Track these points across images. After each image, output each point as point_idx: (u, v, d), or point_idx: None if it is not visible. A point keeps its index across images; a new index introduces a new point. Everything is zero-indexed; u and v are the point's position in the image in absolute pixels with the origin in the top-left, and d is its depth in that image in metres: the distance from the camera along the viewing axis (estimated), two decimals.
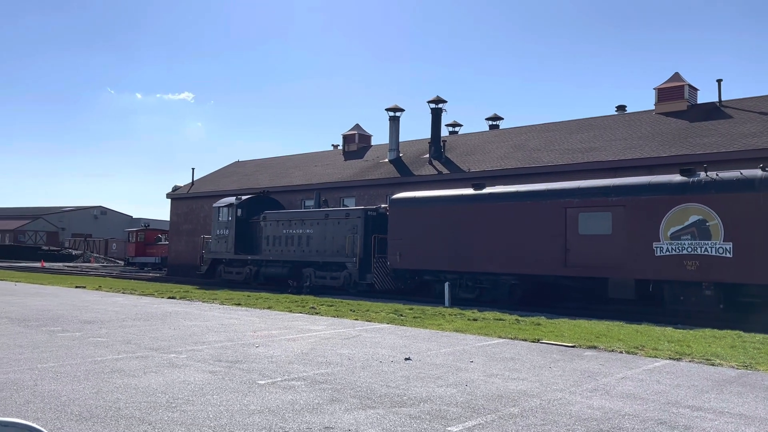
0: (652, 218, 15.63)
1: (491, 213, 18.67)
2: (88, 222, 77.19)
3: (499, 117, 35.79)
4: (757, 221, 14.12)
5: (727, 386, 7.41)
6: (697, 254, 14.86)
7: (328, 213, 23.92)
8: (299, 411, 5.94)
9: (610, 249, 16.26)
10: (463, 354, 9.39)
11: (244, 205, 26.92)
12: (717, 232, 14.64)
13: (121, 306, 16.13)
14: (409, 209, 20.79)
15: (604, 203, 16.58)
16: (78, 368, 7.77)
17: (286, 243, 24.86)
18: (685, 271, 15.00)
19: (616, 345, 10.31)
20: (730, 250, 14.43)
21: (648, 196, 15.89)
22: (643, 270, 15.69)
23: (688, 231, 15.08)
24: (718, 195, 14.71)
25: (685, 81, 25.48)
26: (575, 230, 16.95)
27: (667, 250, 15.33)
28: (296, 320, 13.57)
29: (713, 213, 14.71)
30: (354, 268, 22.13)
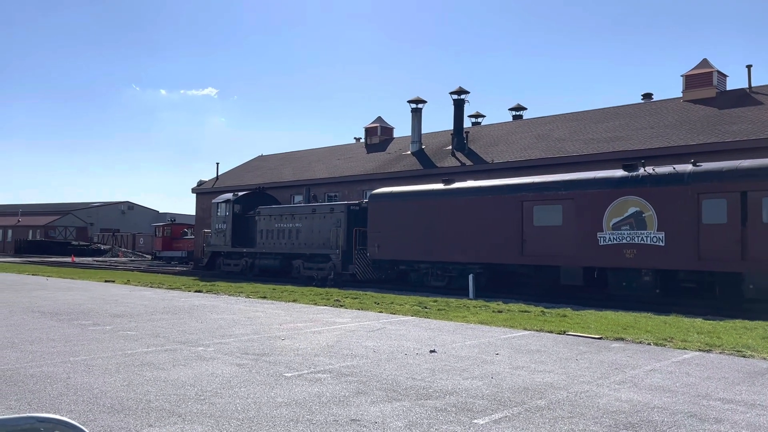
0: (596, 210, 16.77)
1: (459, 206, 19.92)
2: (115, 217, 78.46)
3: (523, 107, 35.44)
4: (686, 212, 15.28)
5: (758, 378, 7.28)
6: (635, 243, 16.04)
7: (315, 208, 25.35)
8: (326, 403, 5.98)
9: (561, 239, 17.44)
10: (488, 346, 9.36)
11: (241, 201, 28.47)
12: (652, 223, 15.80)
13: (149, 300, 16.39)
14: (387, 203, 22.11)
15: (555, 197, 17.80)
16: (109, 361, 7.92)
17: (278, 236, 26.30)
18: (624, 259, 16.20)
19: (644, 337, 10.19)
20: (662, 239, 15.61)
21: (593, 190, 17.04)
22: (589, 258, 16.86)
23: (627, 222, 16.24)
24: (653, 188, 15.87)
25: (713, 67, 24.94)
26: (531, 222, 18.18)
27: (609, 240, 16.53)
28: (321, 313, 13.65)
29: (648, 205, 15.86)
30: (337, 259, 23.46)
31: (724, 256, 14.77)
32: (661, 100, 27.76)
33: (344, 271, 23.32)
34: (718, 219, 14.95)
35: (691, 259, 15.20)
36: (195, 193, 40.87)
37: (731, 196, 14.76)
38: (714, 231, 14.94)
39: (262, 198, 29.12)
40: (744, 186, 14.64)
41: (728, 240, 14.74)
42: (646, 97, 30.12)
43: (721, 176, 15.09)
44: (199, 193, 40.38)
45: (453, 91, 30.20)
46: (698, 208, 15.21)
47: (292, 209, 26.63)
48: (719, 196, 14.94)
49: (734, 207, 14.74)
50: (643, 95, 30.34)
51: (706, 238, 15.03)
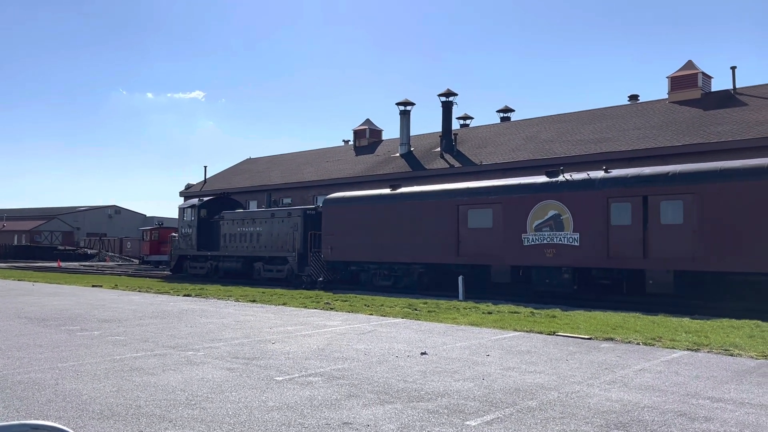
0: (521, 213, 18.05)
1: (403, 210, 21.13)
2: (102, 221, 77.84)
3: (511, 109, 35.61)
4: (598, 215, 16.57)
5: (746, 376, 7.35)
6: (554, 243, 17.33)
7: (274, 212, 26.32)
8: (317, 407, 5.96)
9: (491, 240, 18.74)
10: (479, 348, 9.39)
11: (206, 206, 29.41)
12: (569, 224, 17.09)
13: (137, 304, 16.27)
14: (339, 208, 23.23)
15: (486, 201, 19.09)
16: (98, 367, 7.85)
17: (240, 240, 27.29)
18: (545, 258, 17.46)
19: (633, 336, 10.26)
20: (578, 240, 16.91)
21: (518, 195, 18.33)
22: (515, 257, 18.12)
23: (548, 224, 17.52)
24: (569, 193, 17.18)
25: (698, 69, 25.20)
26: (465, 224, 19.41)
27: (532, 240, 17.80)
28: (311, 316, 13.62)
29: (566, 208, 17.15)
30: (294, 261, 24.52)
31: (629, 254, 16.05)
32: (647, 101, 28.01)
33: (300, 273, 24.24)
34: (624, 221, 16.19)
35: (602, 257, 16.48)
36: (183, 197, 40.66)
37: (635, 200, 16.03)
38: (621, 232, 16.22)
39: (227, 203, 30.07)
40: (645, 191, 15.92)
41: (632, 240, 16.01)
42: (632, 98, 30.37)
43: (626, 182, 16.36)
44: (187, 196, 40.18)
45: (441, 93, 30.30)
46: (608, 211, 16.46)
47: (252, 214, 27.52)
48: (625, 201, 16.20)
49: (637, 210, 15.98)
50: (630, 96, 30.61)
51: (614, 239, 16.31)
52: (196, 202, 29.70)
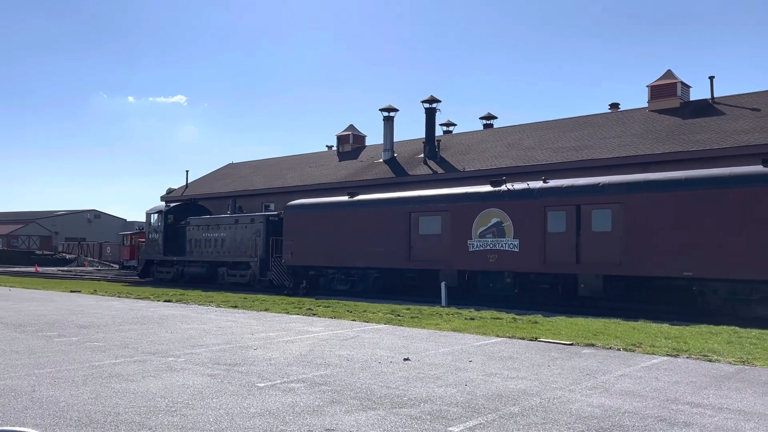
0: (467, 221, 18.84)
1: (360, 217, 21.83)
2: (81, 226, 76.84)
3: (493, 116, 35.85)
4: (535, 222, 17.43)
5: (725, 382, 7.44)
6: (497, 249, 18.20)
7: (238, 218, 26.86)
8: (299, 413, 5.93)
9: (440, 246, 19.52)
10: (461, 353, 9.40)
11: (173, 212, 30.14)
12: (510, 231, 17.97)
13: (117, 310, 16.07)
14: (300, 214, 23.86)
15: (435, 209, 19.85)
16: (76, 373, 7.73)
17: (205, 245, 27.96)
18: (489, 263, 18.32)
19: (614, 342, 10.34)
20: (517, 246, 17.78)
21: (465, 203, 19.11)
22: (461, 262, 18.92)
23: (491, 231, 18.38)
24: (511, 202, 18.07)
25: (677, 78, 25.58)
26: (417, 231, 20.21)
27: (476, 246, 18.65)
28: (294, 322, 13.55)
29: (507, 216, 18.04)
30: (256, 266, 25.18)
31: (564, 260, 16.97)
32: (627, 109, 28.35)
33: (262, 278, 24.92)
34: (559, 228, 17.12)
35: (539, 262, 17.38)
36: (164, 201, 40.29)
37: (569, 209, 16.96)
38: (556, 239, 17.15)
39: (194, 209, 30.75)
40: (578, 201, 16.87)
41: (566, 246, 16.95)
42: (613, 106, 30.73)
43: (562, 192, 17.27)
44: (168, 201, 39.83)
45: (425, 100, 30.42)
46: (544, 219, 17.37)
47: (217, 220, 28.01)
48: (560, 209, 17.12)
49: (571, 218, 16.92)
50: (611, 105, 30.96)
51: (550, 245, 17.24)
52: (164, 207, 30.35)
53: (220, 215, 29.16)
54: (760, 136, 19.67)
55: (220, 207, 34.87)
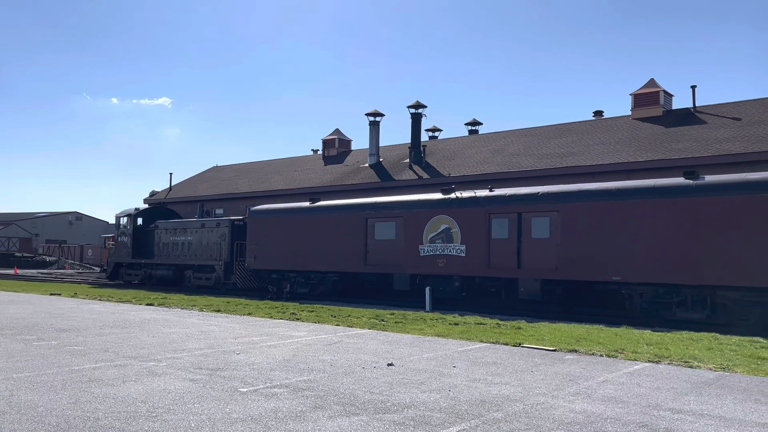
0: (419, 227, 19.65)
1: (320, 222, 22.54)
2: (62, 228, 75.90)
3: (479, 122, 36.02)
4: (481, 229, 18.24)
5: (705, 388, 7.51)
6: (445, 254, 18.94)
7: (204, 222, 27.56)
8: (282, 419, 5.88)
9: (394, 251, 20.28)
10: (445, 359, 9.40)
11: (142, 215, 30.66)
12: (457, 237, 18.72)
13: (98, 313, 15.88)
14: (263, 219, 24.46)
15: (390, 215, 20.63)
16: (55, 378, 7.62)
17: (173, 248, 28.49)
18: (438, 267, 19.06)
19: (596, 348, 10.40)
20: (464, 251, 18.53)
21: (417, 210, 19.93)
22: (413, 267, 19.70)
23: (440, 236, 19.17)
24: (459, 209, 18.87)
25: (660, 87, 25.88)
26: (373, 236, 20.94)
27: (427, 251, 19.40)
28: (277, 326, 13.47)
29: (455, 222, 18.81)
30: (221, 270, 25.88)
31: (506, 264, 17.80)
32: (611, 117, 28.62)
33: (227, 281, 25.65)
34: (503, 235, 17.95)
35: (484, 267, 18.18)
36: (147, 204, 39.95)
37: (511, 216, 17.82)
38: (500, 244, 17.98)
39: (163, 213, 31.27)
40: (520, 209, 17.70)
41: (509, 252, 17.78)
42: (597, 114, 31.03)
43: (505, 200, 18.15)
44: (152, 203, 39.49)
45: (411, 105, 30.49)
46: (489, 226, 18.18)
47: (184, 224, 28.60)
48: (503, 217, 17.98)
49: (513, 225, 17.78)
50: (595, 112, 31.26)
51: (494, 250, 18.06)
52: (133, 211, 30.75)
53: (188, 219, 29.74)
54: (740, 145, 19.96)
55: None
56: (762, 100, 24.13)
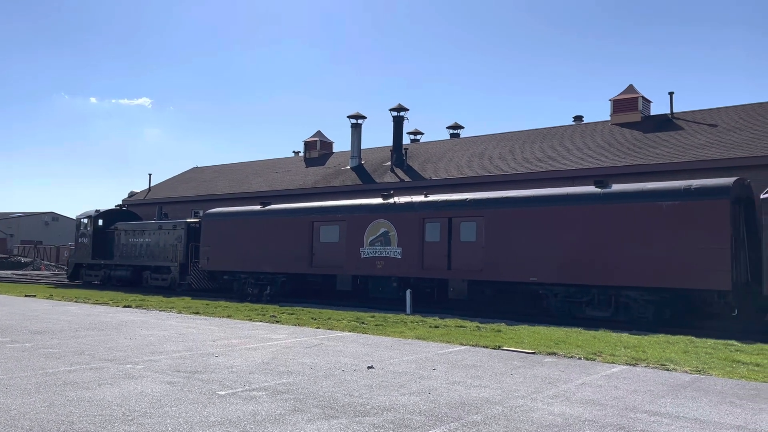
0: (360, 230, 20.65)
1: (270, 225, 23.47)
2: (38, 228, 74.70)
3: (460, 126, 36.14)
4: (415, 232, 19.40)
5: (681, 391, 7.60)
6: (383, 256, 20.01)
7: (161, 224, 28.39)
8: (261, 422, 5.84)
9: (338, 253, 21.22)
10: (425, 361, 9.41)
11: (102, 217, 31.46)
12: (394, 240, 19.83)
13: (73, 315, 15.63)
14: (216, 221, 25.41)
15: (334, 218, 21.62)
16: (28, 381, 7.48)
17: (131, 250, 29.32)
18: (377, 269, 20.10)
19: (575, 351, 10.48)
20: (400, 253, 19.66)
21: (359, 214, 20.94)
22: (355, 268, 20.68)
23: (379, 239, 20.20)
24: (396, 214, 19.98)
25: (638, 93, 26.21)
26: (318, 239, 21.94)
27: (367, 254, 20.40)
28: (257, 329, 13.38)
29: (393, 226, 19.93)
30: (176, 271, 26.71)
31: (438, 266, 18.91)
32: (590, 122, 28.91)
33: (182, 281, 26.49)
34: (435, 238, 19.07)
35: (418, 268, 19.29)
36: (126, 205, 39.49)
37: (443, 221, 18.97)
38: (432, 247, 19.10)
39: (124, 215, 32.19)
40: (450, 214, 18.86)
41: (440, 254, 18.90)
42: (577, 119, 31.31)
43: (437, 206, 19.28)
44: (131, 204, 39.03)
45: (393, 108, 30.52)
46: (422, 230, 19.31)
47: (142, 225, 29.39)
48: (436, 221, 19.13)
49: (444, 229, 18.89)
50: (574, 117, 31.54)
51: (427, 253, 19.16)
52: (93, 213, 31.44)
53: (146, 221, 30.53)
54: (716, 151, 20.28)
55: (184, 211, 34.31)
56: (738, 107, 24.56)
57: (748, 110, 23.80)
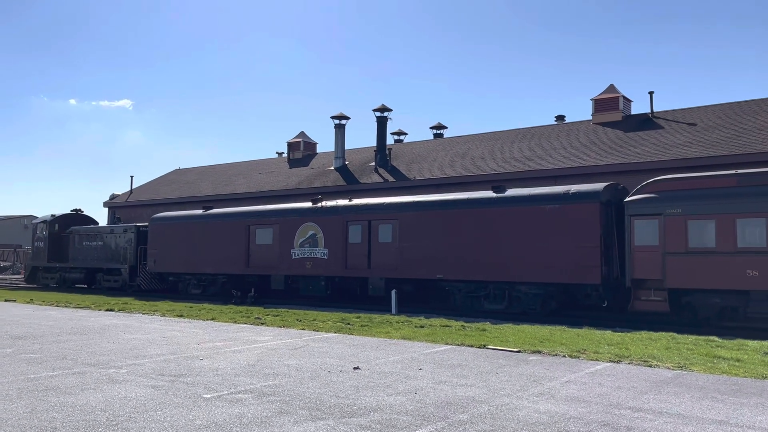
0: (291, 233, 22.18)
1: (210, 229, 24.89)
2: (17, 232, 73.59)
3: (443, 126, 36.25)
4: (340, 234, 20.92)
5: (664, 387, 7.69)
6: (312, 257, 21.51)
7: (113, 228, 29.85)
8: (247, 425, 5.81)
9: (271, 254, 22.71)
10: (411, 362, 9.42)
11: (58, 222, 32.57)
12: (321, 242, 21.34)
13: (55, 320, 15.44)
14: (162, 225, 26.78)
15: (268, 222, 23.12)
16: (10, 386, 7.37)
17: (86, 253, 30.42)
18: (306, 269, 21.60)
19: (560, 349, 10.57)
20: (326, 254, 21.13)
21: (290, 217, 22.46)
22: (287, 268, 22.16)
23: (308, 241, 21.68)
24: (323, 217, 21.54)
25: (619, 92, 26.47)
26: (254, 241, 23.38)
27: (297, 255, 21.92)
28: (241, 331, 13.31)
29: (320, 229, 21.44)
30: (126, 272, 28.07)
31: (360, 265, 20.38)
32: (572, 122, 29.14)
33: (132, 283, 27.74)
34: (357, 239, 20.55)
35: (343, 268, 20.70)
36: (107, 207, 39.07)
37: (363, 223, 20.51)
38: (355, 248, 20.56)
39: (79, 219, 33.08)
40: (370, 217, 20.42)
41: (361, 254, 20.36)
42: (559, 118, 31.54)
43: (359, 210, 20.80)
44: (112, 207, 38.63)
45: (376, 108, 30.53)
46: (346, 232, 20.77)
47: (96, 229, 30.63)
48: (357, 224, 20.63)
49: (365, 231, 20.43)
50: (557, 117, 31.77)
51: (351, 253, 20.60)
52: (49, 218, 32.65)
53: (99, 225, 31.96)
54: (696, 150, 20.56)
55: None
56: (716, 106, 24.90)
57: (726, 109, 24.15)
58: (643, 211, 15.34)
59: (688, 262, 14.69)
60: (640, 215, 15.34)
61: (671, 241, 14.89)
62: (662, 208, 15.12)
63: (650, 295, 15.13)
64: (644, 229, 15.24)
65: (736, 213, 14.27)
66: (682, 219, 14.84)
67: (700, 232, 14.66)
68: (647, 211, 15.28)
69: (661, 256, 14.96)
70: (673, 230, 14.92)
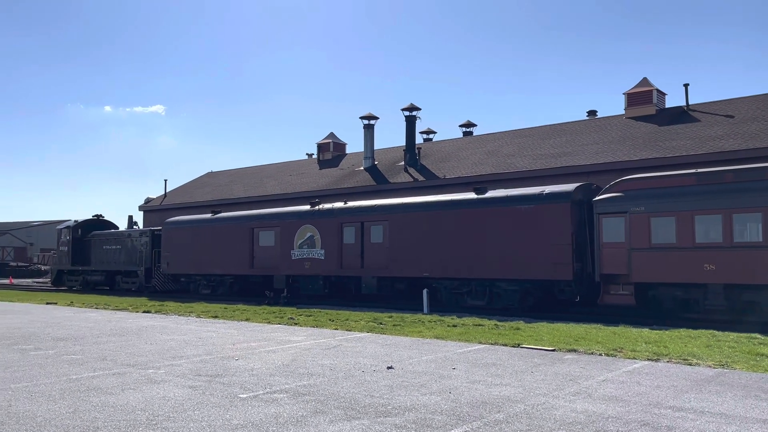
0: (291, 234, 23.29)
1: (218, 232, 26.18)
2: None
3: (473, 124, 36.03)
4: (335, 236, 21.89)
5: (705, 386, 7.51)
6: (310, 257, 22.59)
7: (130, 233, 31.31)
8: (283, 424, 5.86)
9: (273, 255, 23.91)
10: (445, 361, 9.39)
11: (80, 227, 34.15)
12: (318, 243, 22.38)
13: (94, 321, 15.80)
14: (174, 229, 28.15)
15: (270, 225, 24.27)
16: (53, 387, 7.57)
17: (106, 256, 32.02)
18: (305, 269, 22.68)
19: (595, 348, 10.41)
20: (323, 255, 22.19)
21: (290, 220, 23.55)
22: (287, 269, 23.24)
23: (307, 243, 22.78)
24: (320, 219, 22.60)
25: (653, 86, 25.94)
26: (258, 243, 24.64)
27: (297, 256, 23.02)
28: (275, 332, 13.43)
29: (317, 231, 22.50)
30: (142, 275, 29.70)
31: (353, 265, 21.38)
32: (604, 117, 28.66)
33: (147, 284, 29.17)
34: (351, 240, 21.55)
35: (338, 267, 21.72)
36: (142, 211, 39.85)
37: (357, 225, 21.51)
38: (349, 248, 21.57)
39: (100, 224, 34.62)
40: (362, 218, 21.42)
41: (355, 254, 21.40)
42: (590, 114, 31.08)
43: (353, 212, 21.84)
44: (147, 210, 39.38)
45: (405, 108, 30.50)
46: (341, 233, 21.80)
47: (115, 234, 32.27)
48: (351, 225, 21.65)
49: (358, 232, 21.44)
50: (588, 112, 31.31)
51: (345, 253, 21.66)
52: (72, 223, 34.27)
53: (118, 230, 33.12)
54: (734, 143, 20.03)
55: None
56: (754, 97, 24.23)
57: (765, 100, 23.47)
58: (610, 209, 15.99)
59: (651, 257, 15.29)
60: (608, 213, 16.00)
61: (636, 238, 15.49)
62: (627, 206, 15.75)
63: (618, 290, 15.83)
64: (611, 226, 15.89)
65: (694, 210, 14.85)
66: (646, 216, 15.45)
67: (661, 228, 15.23)
68: (614, 209, 15.93)
69: (627, 252, 15.58)
70: (637, 227, 15.52)
